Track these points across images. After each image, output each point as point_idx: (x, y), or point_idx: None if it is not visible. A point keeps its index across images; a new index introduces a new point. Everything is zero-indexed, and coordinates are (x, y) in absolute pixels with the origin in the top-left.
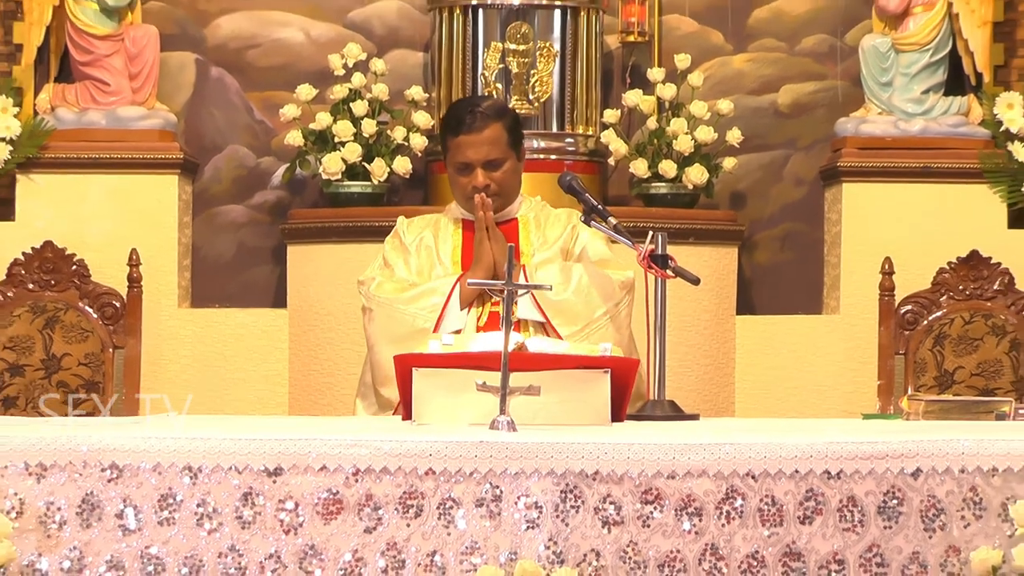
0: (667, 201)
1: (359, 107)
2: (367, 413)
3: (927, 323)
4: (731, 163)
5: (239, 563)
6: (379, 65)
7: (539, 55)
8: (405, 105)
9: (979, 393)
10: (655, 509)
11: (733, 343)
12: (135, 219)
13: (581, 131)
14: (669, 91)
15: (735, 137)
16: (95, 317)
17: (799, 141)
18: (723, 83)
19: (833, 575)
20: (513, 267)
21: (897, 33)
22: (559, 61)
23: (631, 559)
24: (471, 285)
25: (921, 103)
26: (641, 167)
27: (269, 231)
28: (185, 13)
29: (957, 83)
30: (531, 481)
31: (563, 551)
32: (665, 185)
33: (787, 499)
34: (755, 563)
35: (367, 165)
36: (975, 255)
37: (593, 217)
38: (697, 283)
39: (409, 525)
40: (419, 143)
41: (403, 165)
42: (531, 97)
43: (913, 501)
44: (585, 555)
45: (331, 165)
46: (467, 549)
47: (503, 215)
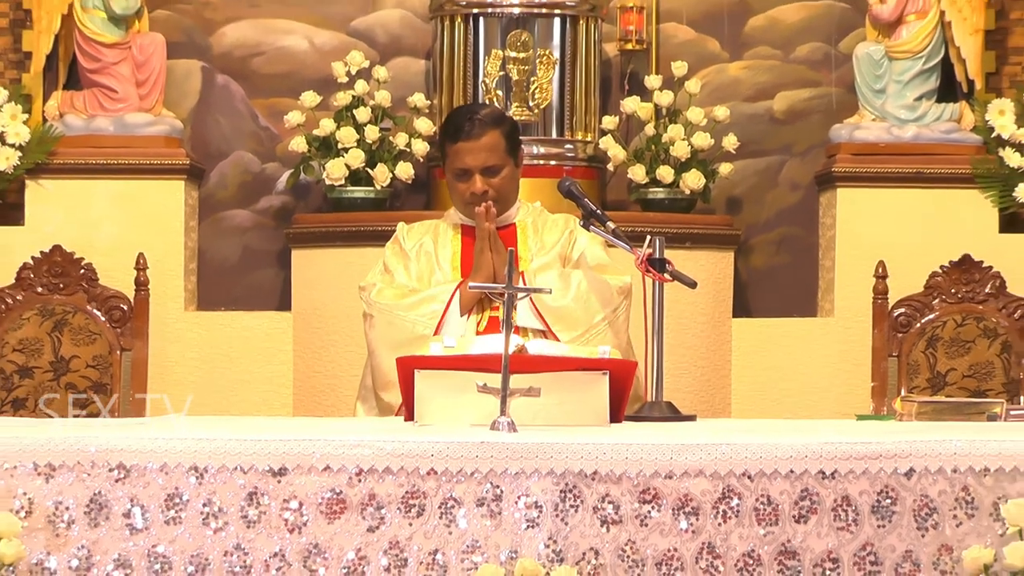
0: (664, 206)
1: (362, 114)
2: (367, 416)
3: (920, 326)
4: (727, 168)
5: (244, 561)
6: (382, 72)
7: (539, 63)
8: (407, 112)
9: (971, 395)
10: (653, 508)
11: (729, 345)
12: (142, 224)
13: (580, 137)
14: (666, 98)
15: (731, 143)
16: (103, 320)
17: (794, 147)
18: (719, 90)
19: (828, 573)
20: (513, 272)
21: (890, 41)
22: (559, 68)
23: (629, 558)
24: (472, 288)
25: (914, 110)
26: (639, 173)
27: (274, 235)
28: (191, 21)
29: (949, 90)
30: (531, 481)
31: (562, 550)
32: (663, 190)
33: (782, 498)
34: (751, 561)
35: (370, 171)
36: (967, 259)
37: (592, 222)
38: (694, 286)
39: (411, 524)
40: (421, 149)
41: (405, 171)
42: (531, 104)
43: (906, 501)
44: (584, 554)
45: (334, 171)
46: (468, 548)
47: (501, 220)
